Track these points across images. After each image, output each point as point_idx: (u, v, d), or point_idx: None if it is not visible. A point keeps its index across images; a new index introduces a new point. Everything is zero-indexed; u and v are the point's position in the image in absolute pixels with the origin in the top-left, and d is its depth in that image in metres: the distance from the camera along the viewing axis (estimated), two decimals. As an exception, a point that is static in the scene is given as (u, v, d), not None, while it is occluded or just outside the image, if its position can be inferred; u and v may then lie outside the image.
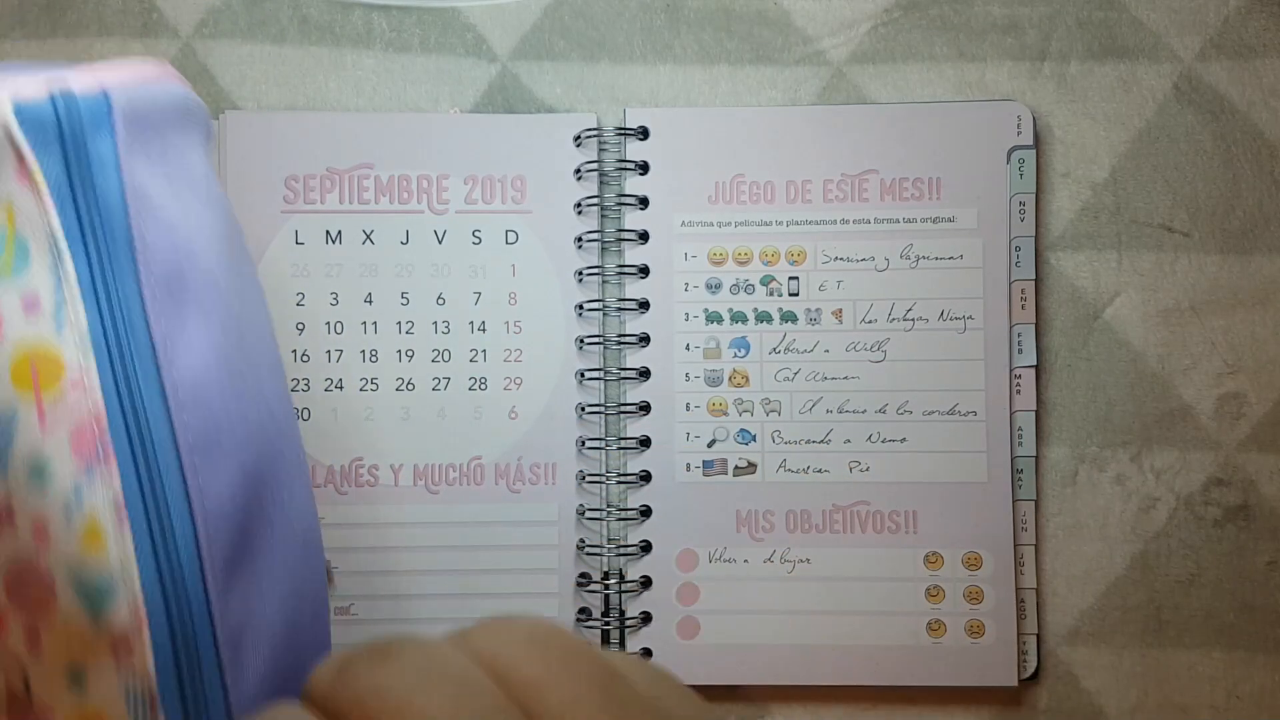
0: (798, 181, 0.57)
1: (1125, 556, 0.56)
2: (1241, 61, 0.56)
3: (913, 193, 0.56)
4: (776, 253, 0.57)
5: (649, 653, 0.56)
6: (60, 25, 0.57)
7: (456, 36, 0.58)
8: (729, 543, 0.56)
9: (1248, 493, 0.56)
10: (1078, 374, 0.56)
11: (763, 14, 0.57)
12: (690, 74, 0.57)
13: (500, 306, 0.56)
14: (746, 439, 0.56)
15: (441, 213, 0.57)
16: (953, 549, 0.56)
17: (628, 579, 0.56)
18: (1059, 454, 0.56)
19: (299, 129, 0.57)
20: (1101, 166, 0.57)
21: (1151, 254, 0.56)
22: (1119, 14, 0.57)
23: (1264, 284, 0.56)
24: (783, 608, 0.56)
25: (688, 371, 0.56)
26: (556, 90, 0.57)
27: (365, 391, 0.56)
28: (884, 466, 0.56)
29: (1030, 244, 0.56)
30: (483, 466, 0.56)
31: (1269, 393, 0.56)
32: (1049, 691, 0.56)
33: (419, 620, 0.55)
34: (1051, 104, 0.57)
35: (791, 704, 0.56)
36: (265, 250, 0.56)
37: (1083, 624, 0.56)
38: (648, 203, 0.57)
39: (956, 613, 0.55)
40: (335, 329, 0.56)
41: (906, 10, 0.57)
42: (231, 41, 0.57)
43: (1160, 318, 0.56)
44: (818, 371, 0.56)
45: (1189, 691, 0.55)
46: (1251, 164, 0.56)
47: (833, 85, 0.57)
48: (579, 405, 0.56)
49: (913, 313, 0.56)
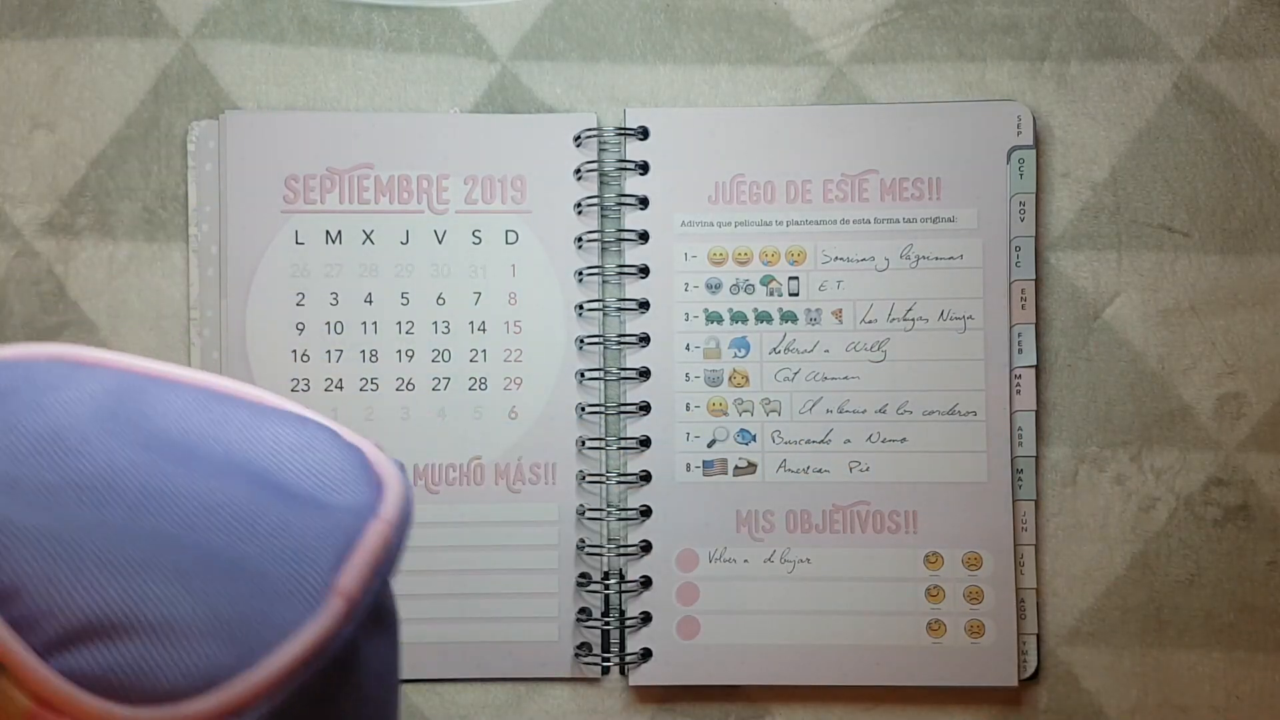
0: (798, 181, 0.57)
1: (1125, 556, 0.56)
2: (1241, 61, 0.56)
3: (913, 193, 0.56)
4: (776, 253, 0.57)
5: (649, 653, 0.56)
6: (60, 25, 0.57)
7: (456, 36, 0.58)
8: (729, 543, 0.56)
9: (1248, 493, 0.56)
10: (1078, 374, 0.56)
11: (763, 14, 0.57)
12: (690, 74, 0.57)
13: (500, 306, 0.56)
14: (746, 439, 0.56)
15: (441, 213, 0.57)
16: (953, 549, 0.56)
17: (628, 579, 0.56)
18: (1059, 454, 0.56)
19: (299, 129, 0.57)
20: (1101, 166, 0.57)
21: (1151, 254, 0.56)
22: (1119, 14, 0.57)
23: (1264, 284, 0.56)
24: (783, 608, 0.56)
25: (688, 371, 0.56)
26: (556, 90, 0.57)
27: (365, 391, 0.56)
28: (884, 466, 0.56)
29: (1030, 244, 0.56)
30: (483, 466, 0.56)
31: (1269, 393, 0.56)
32: (1049, 691, 0.56)
33: (419, 620, 0.55)
34: (1051, 104, 0.57)
35: (792, 704, 0.56)
36: (265, 250, 0.56)
37: (1083, 624, 0.56)
38: (648, 203, 0.57)
39: (956, 613, 0.55)
40: (335, 329, 0.56)
41: (906, 10, 0.57)
42: (231, 41, 0.57)
43: (1160, 318, 0.56)
44: (818, 371, 0.56)
45: (1189, 691, 0.55)
46: (1251, 164, 0.56)
47: (833, 85, 0.57)
48: (579, 405, 0.56)
49: (913, 313, 0.56)
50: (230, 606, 0.33)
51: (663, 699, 0.56)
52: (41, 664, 0.31)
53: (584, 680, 0.56)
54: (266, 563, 0.34)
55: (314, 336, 0.56)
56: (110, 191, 0.57)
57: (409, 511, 0.37)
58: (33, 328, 0.57)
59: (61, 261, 0.57)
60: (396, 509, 0.36)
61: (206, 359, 0.56)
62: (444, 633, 0.56)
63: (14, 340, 0.57)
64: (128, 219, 0.57)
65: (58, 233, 0.57)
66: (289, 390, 0.56)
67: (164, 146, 0.57)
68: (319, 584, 0.34)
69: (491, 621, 0.56)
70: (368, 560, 0.34)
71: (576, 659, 0.56)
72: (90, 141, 0.57)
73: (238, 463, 0.37)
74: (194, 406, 0.38)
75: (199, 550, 0.34)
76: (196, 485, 0.35)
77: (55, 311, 0.57)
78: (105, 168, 0.57)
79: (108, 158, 0.57)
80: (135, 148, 0.57)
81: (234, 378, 0.55)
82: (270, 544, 0.35)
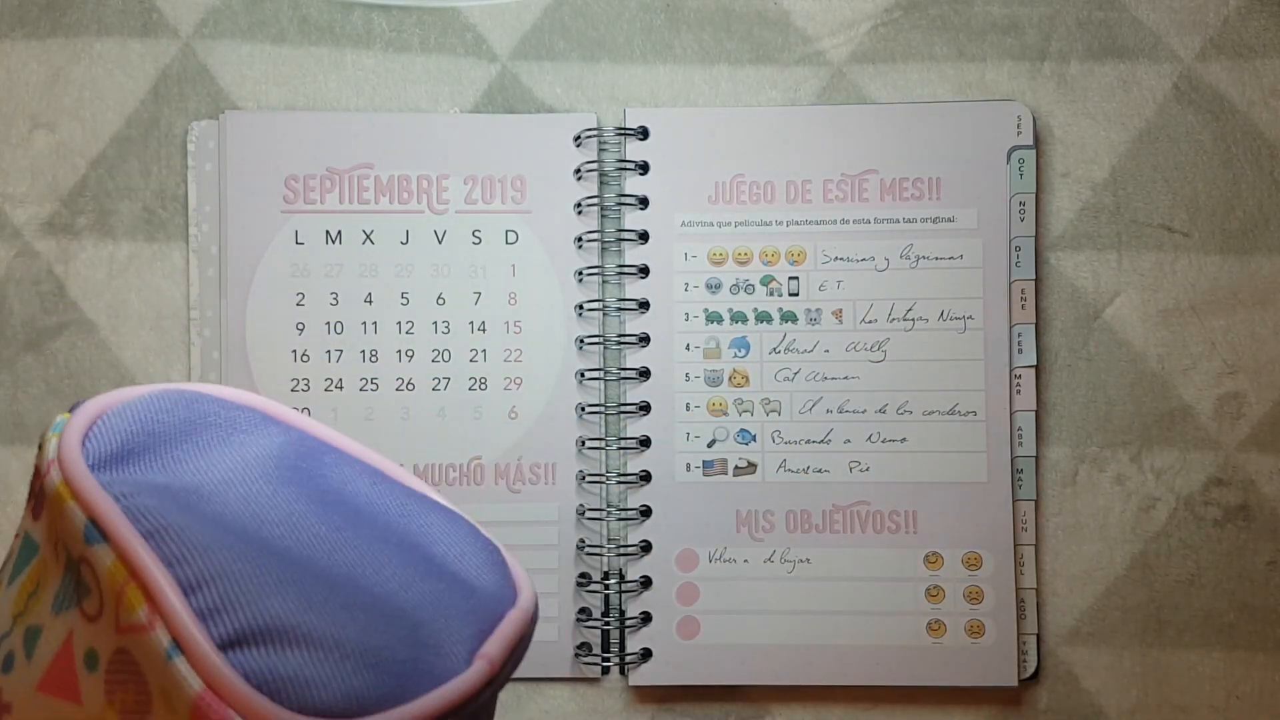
0: (798, 181, 0.57)
1: (1125, 556, 0.56)
2: (1241, 61, 0.56)
3: (913, 193, 0.56)
4: (776, 253, 0.57)
5: (649, 653, 0.56)
6: (60, 25, 0.57)
7: (456, 36, 0.58)
8: (729, 543, 0.56)
9: (1248, 493, 0.56)
10: (1078, 374, 0.56)
11: (763, 14, 0.57)
12: (690, 74, 0.57)
13: (500, 306, 0.56)
14: (746, 439, 0.56)
15: (441, 213, 0.57)
16: (953, 549, 0.56)
17: (628, 579, 0.56)
18: (1059, 454, 0.56)
19: (299, 129, 0.57)
20: (1101, 166, 0.57)
21: (1151, 254, 0.56)
22: (1119, 14, 0.57)
23: (1264, 284, 0.56)
24: (783, 608, 0.56)
25: (688, 371, 0.56)
26: (556, 90, 0.57)
27: (365, 391, 0.56)
28: (884, 466, 0.56)
29: (1030, 244, 0.56)
30: (483, 466, 0.56)
31: (1269, 393, 0.56)
32: (1049, 691, 0.56)
33: (419, 620, 0.55)
34: (1051, 104, 0.57)
35: (792, 704, 0.56)
36: (265, 250, 0.56)
37: (1083, 624, 0.56)
38: (648, 203, 0.57)
39: (956, 613, 0.55)
40: (335, 329, 0.56)
41: (906, 10, 0.57)
42: (231, 41, 0.57)
43: (1160, 318, 0.56)
44: (818, 371, 0.56)
45: (1189, 691, 0.55)
46: (1251, 164, 0.56)
47: (833, 85, 0.57)
48: (579, 405, 0.56)
49: (913, 313, 0.56)
50: (389, 647, 0.36)
51: (663, 699, 0.56)
52: (218, 654, 0.34)
53: (584, 680, 0.56)
54: (423, 617, 0.37)
55: (314, 336, 0.56)
56: (110, 191, 0.57)
57: (537, 611, 0.42)
58: (33, 328, 0.57)
59: (61, 261, 0.57)
60: (531, 604, 0.41)
61: (206, 359, 0.56)
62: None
63: (14, 340, 0.57)
64: (128, 219, 0.57)
65: (58, 233, 0.57)
66: (289, 390, 0.56)
67: (164, 146, 0.57)
68: (468, 647, 0.37)
69: (491, 621, 0.56)
70: (509, 637, 0.39)
71: (576, 659, 0.56)
72: (90, 141, 0.57)
73: (397, 533, 0.41)
74: (360, 477, 0.42)
75: (366, 594, 0.37)
76: (363, 541, 0.39)
77: (55, 311, 0.57)
78: (105, 168, 0.57)
79: (108, 158, 0.57)
80: (135, 148, 0.57)
81: (234, 378, 0.56)
82: (426, 604, 0.38)
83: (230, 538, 0.36)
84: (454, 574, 0.40)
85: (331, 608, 0.35)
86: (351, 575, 0.37)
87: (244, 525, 0.37)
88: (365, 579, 0.37)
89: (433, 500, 0.43)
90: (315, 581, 0.36)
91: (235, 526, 0.37)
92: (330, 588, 0.36)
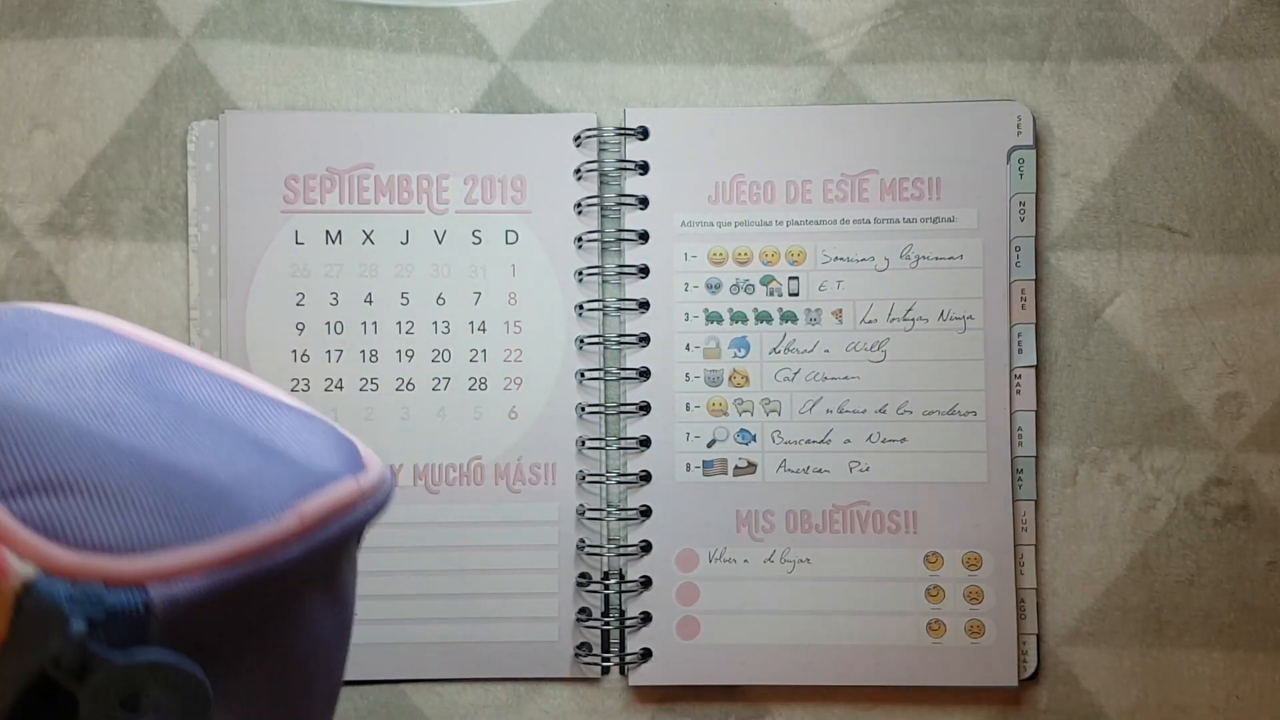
0: (798, 181, 0.57)
1: (1125, 556, 0.56)
2: (1241, 61, 0.56)
3: (913, 193, 0.56)
4: (776, 253, 0.57)
5: (649, 653, 0.56)
6: (60, 25, 0.57)
7: (456, 36, 0.58)
8: (729, 543, 0.56)
9: (1248, 493, 0.56)
10: (1078, 374, 0.56)
11: (763, 14, 0.57)
12: (690, 74, 0.57)
13: (500, 306, 0.56)
14: (746, 439, 0.56)
15: (441, 213, 0.57)
16: (953, 549, 0.56)
17: (628, 579, 0.56)
18: (1059, 454, 0.56)
19: (299, 129, 0.57)
20: (1101, 166, 0.57)
21: (1151, 254, 0.56)
22: (1119, 14, 0.57)
23: (1264, 284, 0.56)
24: (783, 608, 0.56)
25: (688, 371, 0.56)
26: (556, 90, 0.57)
27: (365, 391, 0.56)
28: (884, 466, 0.56)
29: (1030, 244, 0.56)
30: (483, 466, 0.56)
31: (1269, 393, 0.56)
32: (1049, 691, 0.56)
33: (420, 620, 0.55)
34: (1051, 104, 0.57)
35: (791, 704, 0.56)
36: (265, 250, 0.56)
37: (1083, 624, 0.56)
38: (648, 203, 0.57)
39: (956, 613, 0.55)
40: (335, 329, 0.56)
41: (906, 10, 0.57)
42: (231, 41, 0.57)
43: (1160, 318, 0.56)
44: (818, 371, 0.56)
45: (1189, 691, 0.55)
46: (1251, 164, 0.56)
47: (833, 85, 0.57)
48: (579, 405, 0.56)
49: (913, 313, 0.56)
50: (187, 500, 0.34)
51: (663, 699, 0.56)
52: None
53: (584, 680, 0.56)
54: (237, 488, 0.36)
55: (314, 336, 0.56)
56: (110, 191, 0.57)
57: (386, 494, 0.39)
58: (33, 328, 0.57)
59: (61, 261, 0.57)
60: (373, 483, 0.38)
61: (206, 359, 0.56)
62: (444, 633, 0.56)
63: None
64: (128, 219, 0.57)
65: (58, 233, 0.57)
66: (289, 391, 0.56)
67: (164, 146, 0.57)
68: (276, 506, 0.35)
69: (491, 621, 0.56)
70: (332, 503, 0.36)
71: (576, 659, 0.56)
72: (90, 141, 0.57)
73: (235, 425, 0.39)
74: (207, 384, 0.40)
75: (172, 464, 0.35)
76: (186, 428, 0.37)
77: (55, 311, 0.57)
78: (105, 168, 0.57)
79: (108, 158, 0.57)
80: (135, 148, 0.57)
81: (234, 377, 0.55)
82: (245, 476, 0.36)
83: (30, 413, 0.35)
84: (291, 459, 0.38)
85: (125, 467, 0.34)
86: (160, 449, 0.36)
87: (52, 408, 0.36)
88: (176, 454, 0.36)
89: (291, 405, 0.41)
90: (114, 450, 0.35)
91: (41, 408, 0.36)
92: (131, 456, 0.35)
